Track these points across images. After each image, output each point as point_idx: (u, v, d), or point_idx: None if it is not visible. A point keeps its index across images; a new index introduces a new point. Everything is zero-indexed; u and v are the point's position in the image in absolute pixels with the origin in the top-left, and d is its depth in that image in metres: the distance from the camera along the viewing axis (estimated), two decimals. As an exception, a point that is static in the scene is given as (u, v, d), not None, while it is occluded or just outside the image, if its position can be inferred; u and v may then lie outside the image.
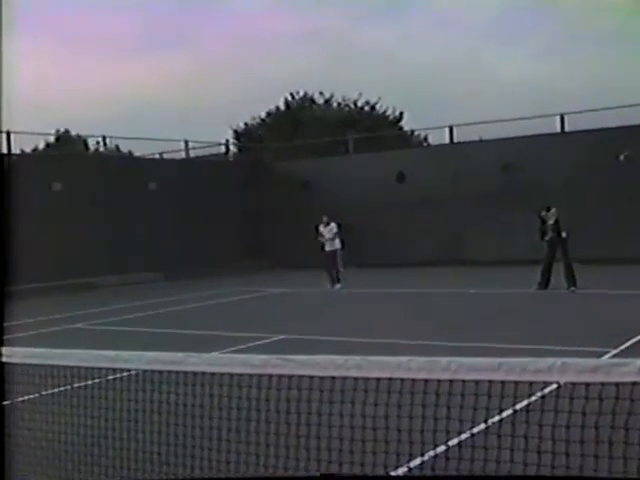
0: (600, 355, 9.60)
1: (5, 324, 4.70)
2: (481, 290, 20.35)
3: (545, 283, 19.31)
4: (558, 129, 28.31)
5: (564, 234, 19.21)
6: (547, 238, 19.44)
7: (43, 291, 23.38)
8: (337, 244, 22.96)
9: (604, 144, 26.03)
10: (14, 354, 4.91)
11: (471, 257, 27.72)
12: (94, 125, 69.57)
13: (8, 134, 24.73)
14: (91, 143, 43.09)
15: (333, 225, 23.06)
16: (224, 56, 69.94)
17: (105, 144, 34.91)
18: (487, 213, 27.92)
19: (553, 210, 19.62)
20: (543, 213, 19.72)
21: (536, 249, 19.77)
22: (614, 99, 54.53)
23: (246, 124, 49.46)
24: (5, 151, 24.44)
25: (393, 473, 4.80)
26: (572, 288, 18.81)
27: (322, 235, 23.07)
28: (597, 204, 25.82)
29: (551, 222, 19.48)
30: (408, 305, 18.88)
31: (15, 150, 27.04)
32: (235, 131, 49.03)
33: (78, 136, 47.60)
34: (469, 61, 67.60)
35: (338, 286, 22.64)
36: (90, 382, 5.52)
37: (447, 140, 31.16)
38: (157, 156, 34.47)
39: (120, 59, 73.32)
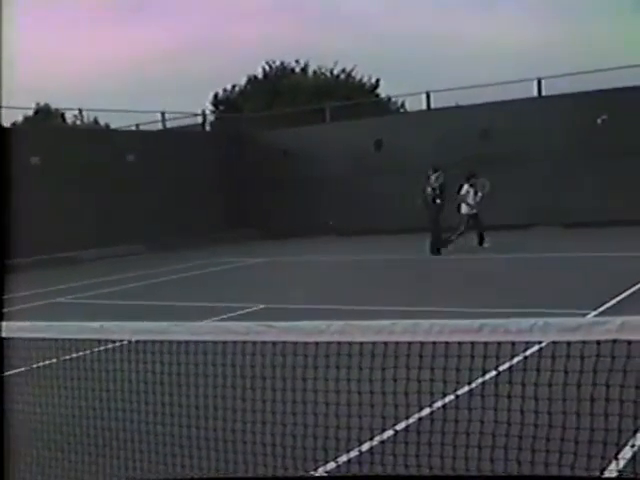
0: (582, 317, 9.68)
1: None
2: (456, 257, 20.45)
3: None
4: (535, 93, 28.31)
5: (438, 200, 19.28)
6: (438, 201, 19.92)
7: (24, 266, 23.26)
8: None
9: (582, 108, 26.06)
10: (-2, 328, 4.91)
11: (451, 224, 27.68)
12: (72, 98, 68.77)
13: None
14: (68, 116, 42.76)
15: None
16: (201, 25, 69.35)
17: (82, 117, 34.69)
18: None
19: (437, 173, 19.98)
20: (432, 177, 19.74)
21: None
22: (592, 63, 54.56)
23: (225, 89, 49.26)
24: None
25: (379, 437, 4.85)
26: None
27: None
28: (576, 168, 25.88)
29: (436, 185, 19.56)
30: (396, 272, 18.97)
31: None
32: (215, 96, 48.75)
33: (56, 109, 47.16)
34: (444, 26, 67.39)
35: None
36: (75, 355, 5.52)
37: (424, 106, 31.11)
38: (134, 128, 34.25)
39: (97, 30, 72.50)
